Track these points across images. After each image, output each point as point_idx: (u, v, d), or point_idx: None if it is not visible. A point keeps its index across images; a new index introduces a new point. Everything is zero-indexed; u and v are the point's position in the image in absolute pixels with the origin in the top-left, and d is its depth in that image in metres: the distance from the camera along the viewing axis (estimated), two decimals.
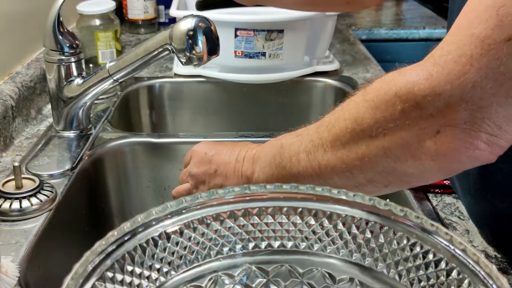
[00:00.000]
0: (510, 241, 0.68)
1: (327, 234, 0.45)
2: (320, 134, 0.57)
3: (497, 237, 0.69)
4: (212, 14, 1.01)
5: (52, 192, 0.76)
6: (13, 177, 0.75)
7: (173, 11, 1.16)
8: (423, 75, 0.48)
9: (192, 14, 0.77)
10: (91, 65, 1.19)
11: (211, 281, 0.44)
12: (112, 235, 0.40)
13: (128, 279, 0.41)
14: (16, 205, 0.73)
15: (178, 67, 1.24)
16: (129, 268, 0.41)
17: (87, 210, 0.90)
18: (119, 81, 0.88)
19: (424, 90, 0.48)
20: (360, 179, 0.54)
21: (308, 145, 0.57)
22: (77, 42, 0.91)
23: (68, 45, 0.90)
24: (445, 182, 0.79)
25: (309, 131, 0.59)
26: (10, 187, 0.75)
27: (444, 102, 0.47)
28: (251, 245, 0.45)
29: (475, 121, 0.47)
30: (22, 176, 0.76)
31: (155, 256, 0.42)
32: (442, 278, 0.40)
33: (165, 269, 0.43)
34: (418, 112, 0.49)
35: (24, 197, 0.73)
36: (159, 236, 0.42)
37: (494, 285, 0.37)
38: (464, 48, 0.47)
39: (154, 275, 0.42)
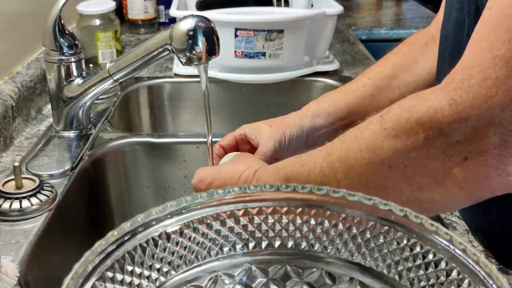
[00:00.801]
0: (504, 248, 0.68)
1: (327, 234, 0.45)
2: (331, 164, 0.53)
3: (491, 244, 0.69)
4: (212, 14, 1.01)
5: (52, 192, 0.76)
6: (13, 177, 0.75)
7: (173, 11, 1.16)
8: (445, 101, 0.46)
9: (192, 14, 0.77)
10: (91, 65, 1.19)
11: (211, 281, 0.44)
12: (112, 235, 0.40)
13: (128, 279, 0.41)
14: (16, 205, 0.73)
15: (178, 67, 1.24)
16: (129, 268, 0.41)
17: (87, 210, 0.90)
18: (119, 81, 0.88)
19: (449, 117, 0.46)
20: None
21: (318, 176, 0.54)
22: (77, 42, 0.91)
23: (68, 45, 0.90)
24: None
25: (316, 160, 0.55)
26: (10, 187, 0.75)
27: (472, 128, 0.45)
28: (251, 245, 0.45)
29: (506, 146, 0.45)
30: (22, 176, 0.76)
31: (155, 256, 0.42)
32: (442, 278, 0.40)
33: (165, 269, 0.43)
34: (444, 139, 0.46)
35: (24, 197, 0.73)
36: (159, 236, 0.42)
37: (494, 285, 0.37)
38: (488, 71, 0.45)
39: (154, 275, 0.42)
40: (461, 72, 0.47)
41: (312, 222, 0.45)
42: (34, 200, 0.74)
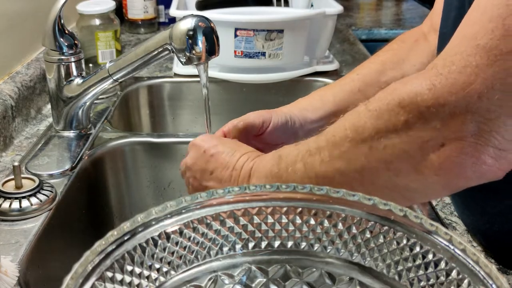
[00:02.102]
0: (502, 248, 0.68)
1: (327, 234, 0.45)
2: (319, 143, 0.55)
3: (489, 244, 0.69)
4: (212, 14, 1.01)
5: (52, 192, 0.76)
6: (13, 177, 0.75)
7: (173, 11, 1.16)
8: (426, 85, 0.47)
9: (192, 14, 0.77)
10: (91, 65, 1.19)
11: (211, 281, 0.44)
12: (112, 235, 0.40)
13: (127, 278, 0.41)
14: (16, 205, 0.73)
15: (178, 67, 1.24)
16: (129, 268, 0.41)
17: (87, 210, 0.90)
18: (119, 81, 0.88)
19: (427, 101, 0.46)
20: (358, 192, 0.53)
21: (305, 154, 0.56)
22: (76, 42, 0.91)
23: (68, 45, 0.90)
24: None
25: (308, 141, 0.57)
26: (10, 187, 0.75)
27: (449, 114, 0.46)
28: (251, 245, 0.45)
29: (482, 134, 0.46)
30: (22, 176, 0.76)
31: (155, 256, 0.42)
32: (442, 278, 0.40)
33: (164, 269, 0.43)
34: (422, 123, 0.47)
35: (24, 197, 0.73)
36: (159, 236, 0.42)
37: (493, 285, 0.37)
38: (469, 58, 0.45)
39: (153, 275, 0.42)
40: (443, 58, 0.48)
41: (312, 222, 0.45)
42: (33, 200, 0.74)
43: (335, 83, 0.83)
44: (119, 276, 0.40)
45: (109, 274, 0.39)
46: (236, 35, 1.09)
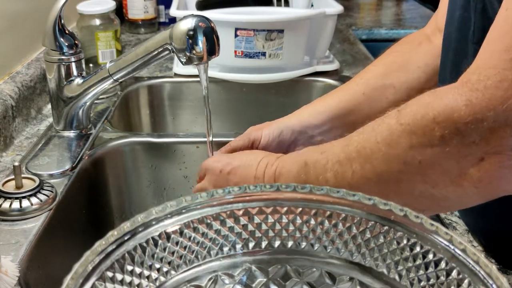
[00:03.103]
0: (502, 248, 0.67)
1: (327, 234, 0.45)
2: (348, 154, 0.54)
3: (490, 244, 0.69)
4: (212, 14, 1.01)
5: (52, 192, 0.76)
6: (13, 176, 0.75)
7: (173, 11, 1.16)
8: (461, 101, 0.46)
9: (192, 14, 0.77)
10: (91, 65, 1.19)
11: (211, 281, 0.44)
12: (112, 235, 0.40)
13: (128, 278, 0.41)
14: (16, 204, 0.73)
15: (178, 67, 1.24)
16: (129, 267, 0.41)
17: (87, 210, 0.90)
18: (119, 81, 0.88)
19: (465, 117, 0.46)
20: (394, 202, 0.52)
21: (335, 165, 0.55)
22: (77, 42, 0.91)
23: (68, 45, 0.90)
24: None
25: (335, 149, 0.56)
26: (10, 187, 0.75)
27: (488, 129, 0.45)
28: (251, 245, 0.45)
29: None
30: (22, 175, 0.76)
31: (155, 255, 0.42)
32: (442, 278, 0.40)
33: (165, 269, 0.43)
34: (460, 139, 0.46)
35: (24, 197, 0.73)
36: (159, 236, 0.42)
37: (494, 285, 0.37)
38: (505, 72, 0.45)
39: (154, 274, 0.42)
40: (477, 73, 0.47)
41: (312, 222, 0.45)
42: (34, 199, 0.74)
43: (339, 88, 0.83)
44: (119, 276, 0.40)
45: (110, 274, 0.39)
46: (236, 35, 1.09)
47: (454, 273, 0.40)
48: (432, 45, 0.80)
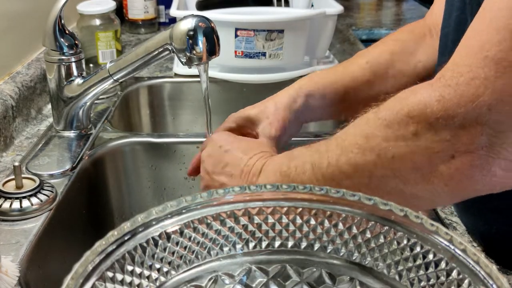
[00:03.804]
0: (500, 249, 0.67)
1: (327, 234, 0.45)
2: (328, 146, 0.55)
3: (488, 245, 0.69)
4: (212, 14, 1.01)
5: (52, 192, 0.76)
6: (13, 177, 0.75)
7: (173, 11, 1.16)
8: (434, 97, 0.47)
9: (192, 14, 0.77)
10: (91, 65, 1.20)
11: (211, 281, 0.44)
12: (112, 235, 0.40)
13: (128, 278, 0.41)
14: (16, 205, 0.73)
15: (178, 67, 1.24)
16: (129, 268, 0.41)
17: (87, 210, 0.90)
18: (119, 81, 0.88)
19: (436, 112, 0.46)
20: None
21: (315, 155, 0.56)
22: (77, 42, 0.91)
23: (68, 45, 0.90)
24: None
25: (320, 144, 0.57)
26: (10, 187, 0.75)
27: (459, 125, 0.46)
28: (251, 245, 0.45)
29: (493, 147, 0.45)
30: (22, 176, 0.76)
31: (155, 256, 0.42)
32: (442, 278, 0.40)
33: (165, 269, 0.43)
34: (431, 135, 0.47)
35: (24, 197, 0.73)
36: (159, 236, 0.42)
37: (494, 285, 0.37)
38: (477, 70, 0.45)
39: (154, 274, 0.42)
40: (451, 70, 0.47)
41: (312, 222, 0.45)
42: (34, 200, 0.74)
43: (343, 68, 0.83)
44: (119, 276, 0.40)
45: (110, 274, 0.39)
46: (236, 35, 1.09)
47: (454, 273, 0.40)
48: (433, 41, 0.80)
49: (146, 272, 0.42)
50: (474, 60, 0.46)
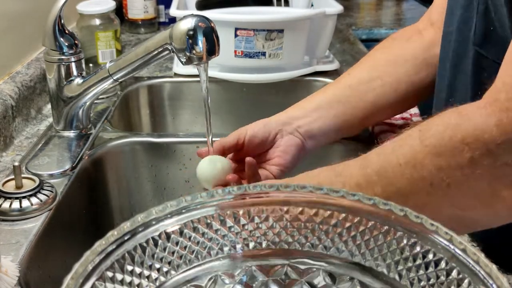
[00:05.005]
0: (501, 250, 0.67)
1: (327, 234, 0.45)
2: (368, 177, 0.52)
3: (488, 246, 0.68)
4: (212, 14, 1.01)
5: (52, 191, 0.76)
6: (13, 176, 0.75)
7: (173, 11, 1.16)
8: (492, 121, 0.44)
9: (192, 14, 0.77)
10: (91, 64, 1.19)
11: (211, 281, 0.44)
12: (112, 234, 0.40)
13: (128, 278, 0.41)
14: (16, 204, 0.73)
15: (178, 67, 1.24)
16: (129, 267, 0.41)
17: (87, 210, 0.90)
18: (119, 80, 0.88)
19: (497, 138, 0.44)
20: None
21: (354, 187, 0.52)
22: (77, 41, 0.91)
23: (68, 44, 0.90)
24: None
25: (351, 171, 0.54)
26: (10, 187, 0.75)
27: None
28: (251, 245, 0.45)
29: None
30: (22, 175, 0.76)
31: (155, 255, 0.42)
32: (442, 278, 0.40)
33: (165, 269, 0.43)
34: (491, 160, 0.45)
35: (24, 197, 0.73)
36: (159, 235, 0.42)
37: (494, 285, 0.37)
38: None
39: (154, 274, 0.42)
40: (505, 91, 0.45)
41: (312, 222, 0.45)
42: (34, 199, 0.74)
43: (327, 85, 0.84)
44: (119, 276, 0.40)
45: (110, 274, 0.39)
46: (236, 35, 1.09)
47: (454, 273, 0.39)
48: (422, 39, 0.80)
49: (146, 272, 0.42)
50: None
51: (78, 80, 0.91)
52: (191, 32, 0.75)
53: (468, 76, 0.62)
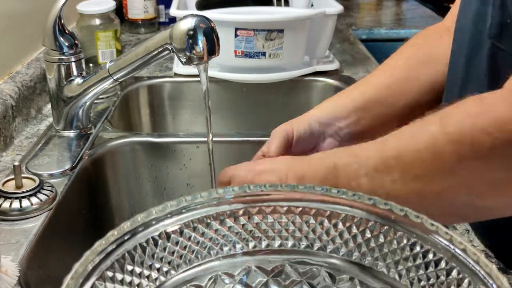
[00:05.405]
0: (504, 246, 0.67)
1: (327, 234, 0.45)
2: (386, 160, 0.51)
3: (491, 241, 0.68)
4: (212, 14, 1.01)
5: (52, 191, 0.76)
6: (13, 176, 0.75)
7: (173, 11, 1.16)
8: None
9: (192, 14, 0.77)
10: (91, 64, 1.19)
11: (211, 280, 0.44)
12: (112, 234, 0.40)
13: (128, 278, 0.41)
14: (16, 204, 0.73)
15: (178, 67, 1.24)
16: (129, 267, 0.41)
17: (87, 209, 0.90)
18: (119, 80, 0.88)
19: None
20: (433, 211, 0.47)
21: (370, 170, 0.52)
22: (77, 41, 0.91)
23: (68, 44, 0.90)
24: None
25: (368, 154, 0.53)
26: (10, 187, 0.75)
27: None
28: (251, 244, 0.45)
29: None
30: (22, 175, 0.76)
31: (155, 255, 0.42)
32: (442, 278, 0.40)
33: (165, 269, 0.43)
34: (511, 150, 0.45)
35: (24, 197, 0.73)
36: (159, 235, 0.42)
37: (494, 285, 0.37)
38: None
39: (154, 274, 0.42)
40: None
41: (312, 221, 0.45)
42: (34, 199, 0.74)
43: (360, 81, 0.81)
44: (119, 276, 0.40)
45: (110, 273, 0.39)
46: (236, 35, 1.09)
47: (454, 273, 0.40)
48: (451, 38, 0.79)
49: (146, 272, 0.42)
50: None
51: (78, 80, 0.91)
52: (191, 32, 0.75)
53: (483, 69, 0.61)
